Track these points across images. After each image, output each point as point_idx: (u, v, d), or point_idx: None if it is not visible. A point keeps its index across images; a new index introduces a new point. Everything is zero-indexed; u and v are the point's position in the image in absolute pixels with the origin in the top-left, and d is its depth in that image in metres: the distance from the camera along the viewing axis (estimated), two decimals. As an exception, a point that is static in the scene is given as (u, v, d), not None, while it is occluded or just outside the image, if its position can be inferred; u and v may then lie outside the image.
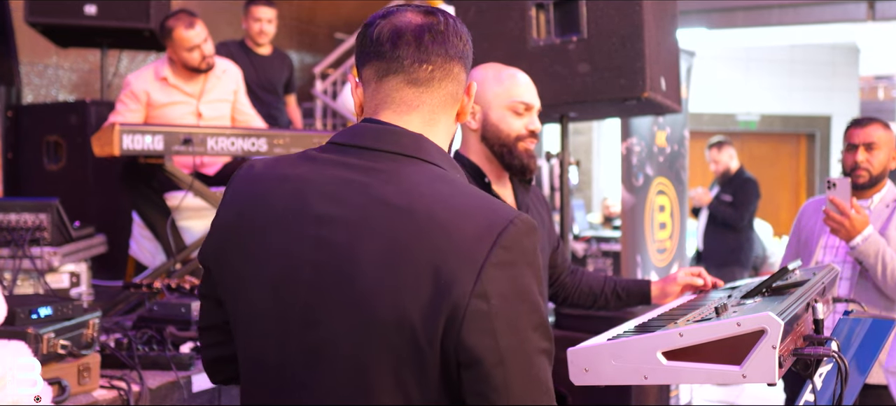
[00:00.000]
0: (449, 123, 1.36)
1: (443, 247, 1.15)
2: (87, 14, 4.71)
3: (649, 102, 3.28)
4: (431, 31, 1.29)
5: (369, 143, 1.26)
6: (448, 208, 1.18)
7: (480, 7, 3.40)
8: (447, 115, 1.34)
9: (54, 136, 4.63)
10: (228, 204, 1.33)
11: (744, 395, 5.91)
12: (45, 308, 2.34)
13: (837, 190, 2.96)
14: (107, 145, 3.51)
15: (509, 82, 2.37)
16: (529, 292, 1.17)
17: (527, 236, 1.18)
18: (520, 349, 1.15)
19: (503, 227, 1.16)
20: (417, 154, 1.26)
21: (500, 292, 1.14)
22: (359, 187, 1.22)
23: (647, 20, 3.19)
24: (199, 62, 4.12)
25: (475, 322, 1.13)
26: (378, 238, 1.17)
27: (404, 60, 1.28)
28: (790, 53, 11.27)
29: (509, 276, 1.15)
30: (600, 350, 1.60)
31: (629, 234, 4.63)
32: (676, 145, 5.06)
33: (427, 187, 1.21)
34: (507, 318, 1.14)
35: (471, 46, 1.36)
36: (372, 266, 1.16)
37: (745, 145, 11.26)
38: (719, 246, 6.60)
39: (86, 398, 2.40)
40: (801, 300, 1.69)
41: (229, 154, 3.79)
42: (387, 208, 1.18)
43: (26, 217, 3.22)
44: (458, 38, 1.31)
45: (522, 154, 2.36)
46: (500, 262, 1.15)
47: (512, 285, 1.15)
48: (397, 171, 1.23)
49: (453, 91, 1.33)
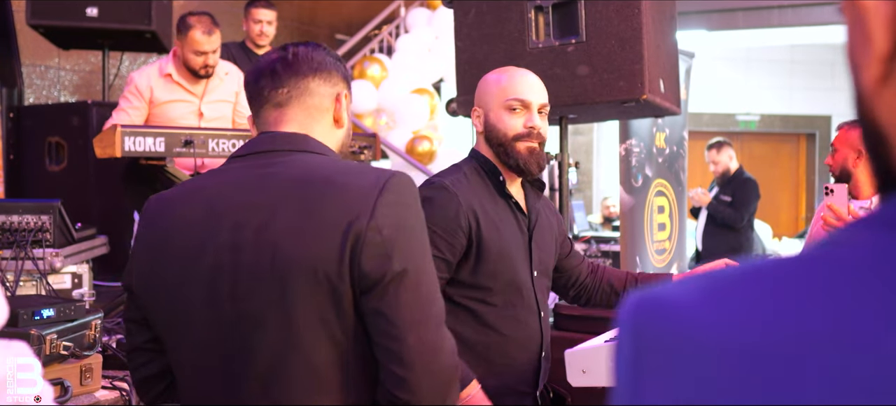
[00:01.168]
0: (325, 132, 1.60)
1: (342, 198, 1.41)
2: (89, 16, 4.73)
3: (648, 105, 3.29)
4: (282, 62, 1.57)
5: (267, 147, 1.53)
6: (341, 173, 1.46)
7: (479, 9, 3.41)
8: (319, 123, 1.59)
9: (56, 137, 4.64)
10: (146, 230, 1.54)
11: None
12: (47, 309, 2.35)
13: (835, 196, 3.01)
14: (108, 147, 3.52)
15: (506, 81, 2.37)
16: (414, 226, 1.45)
17: (408, 186, 1.47)
18: (410, 269, 1.40)
19: (388, 178, 1.44)
20: (306, 147, 1.53)
21: (390, 225, 1.40)
22: (269, 177, 1.47)
23: (646, 22, 3.20)
24: (200, 68, 4.15)
25: (371, 249, 1.38)
26: (291, 209, 1.41)
27: (264, 90, 1.57)
28: (790, 54, 11.28)
29: (396, 213, 1.41)
30: (598, 352, 1.62)
31: (628, 235, 4.65)
32: (676, 146, 5.07)
33: (322, 164, 1.50)
34: (397, 245, 1.39)
35: (332, 62, 1.62)
36: (288, 232, 1.40)
37: (744, 146, 11.28)
38: (719, 246, 6.61)
39: (88, 399, 2.42)
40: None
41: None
42: (294, 183, 1.44)
43: (28, 218, 3.24)
44: (308, 61, 1.58)
45: (520, 153, 2.34)
46: (387, 202, 1.41)
47: (399, 220, 1.41)
48: (295, 159, 1.50)
49: (316, 103, 1.58)
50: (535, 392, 2.42)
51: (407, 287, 1.38)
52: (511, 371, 2.36)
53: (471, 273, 2.31)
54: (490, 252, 2.30)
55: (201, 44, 4.10)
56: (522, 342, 2.38)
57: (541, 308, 2.43)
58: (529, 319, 2.39)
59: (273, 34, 5.60)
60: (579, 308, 3.53)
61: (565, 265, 2.63)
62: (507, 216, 2.38)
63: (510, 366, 2.35)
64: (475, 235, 2.29)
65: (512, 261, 2.35)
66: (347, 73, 1.67)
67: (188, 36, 4.11)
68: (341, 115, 1.62)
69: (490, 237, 2.30)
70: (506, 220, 2.37)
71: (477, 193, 2.34)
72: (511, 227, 2.38)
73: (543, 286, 2.47)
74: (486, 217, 2.32)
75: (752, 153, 11.37)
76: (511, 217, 2.39)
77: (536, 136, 2.35)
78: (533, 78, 2.40)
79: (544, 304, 2.46)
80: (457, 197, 2.27)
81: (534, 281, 2.42)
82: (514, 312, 2.35)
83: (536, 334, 2.41)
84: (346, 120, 1.64)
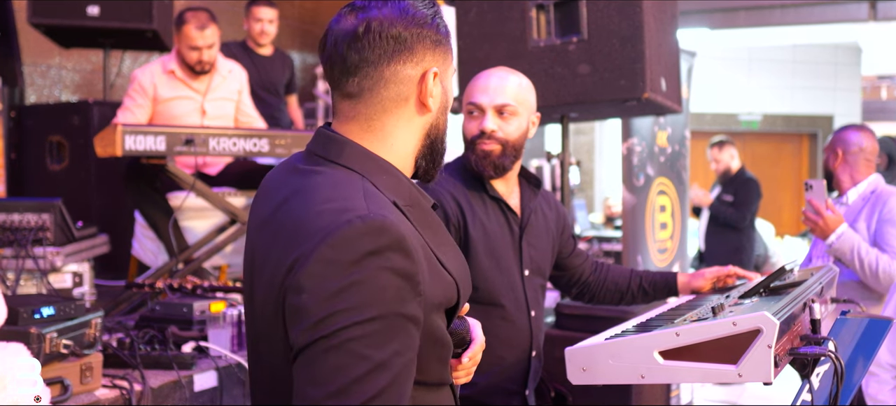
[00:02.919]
0: (403, 125, 1.38)
1: (294, 238, 1.23)
2: (90, 15, 4.72)
3: (649, 103, 3.29)
4: (353, 42, 1.33)
5: (316, 149, 1.38)
6: (324, 201, 1.25)
7: (481, 8, 3.41)
8: (393, 116, 1.37)
9: (57, 136, 4.64)
10: None
11: (745, 395, 5.91)
12: (47, 308, 2.35)
13: (814, 191, 3.15)
14: (109, 146, 3.52)
15: (472, 85, 2.40)
16: (341, 292, 1.16)
17: (357, 240, 1.18)
18: (320, 343, 1.15)
19: (341, 226, 1.19)
20: (340, 160, 1.33)
21: (310, 288, 1.17)
22: (277, 190, 1.36)
23: (647, 21, 3.20)
24: (195, 63, 4.16)
25: (289, 309, 1.20)
26: (267, 234, 1.32)
27: (335, 75, 1.36)
28: (792, 53, 11.26)
29: (325, 273, 1.17)
30: (598, 350, 1.62)
31: (630, 234, 4.64)
32: (677, 145, 5.06)
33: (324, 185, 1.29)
34: (310, 312, 1.17)
35: (416, 35, 1.35)
36: (261, 258, 1.32)
37: (747, 145, 11.26)
38: (722, 246, 6.66)
39: (88, 397, 2.42)
40: (797, 300, 1.70)
41: (231, 154, 3.81)
42: (282, 204, 1.32)
43: (29, 217, 3.24)
44: (384, 42, 1.33)
45: (475, 155, 2.35)
46: (320, 258, 1.18)
47: (325, 282, 1.17)
48: (323, 173, 1.32)
49: (393, 94, 1.35)
50: (524, 391, 2.41)
51: (309, 361, 1.16)
52: (498, 370, 2.36)
53: None
54: (476, 249, 2.31)
55: (195, 39, 4.10)
56: (509, 341, 2.37)
57: (531, 307, 2.42)
58: (517, 318, 2.39)
59: (274, 33, 5.60)
60: (581, 307, 3.53)
61: (568, 263, 2.63)
62: (495, 215, 2.39)
63: (496, 364, 2.35)
64: (463, 231, 2.31)
65: (498, 259, 2.36)
66: (440, 34, 1.39)
67: (183, 31, 4.12)
68: (427, 98, 1.37)
69: (476, 235, 2.31)
70: (493, 218, 2.38)
71: (463, 191, 2.36)
72: (499, 226, 2.38)
73: (535, 285, 2.47)
74: (472, 214, 2.33)
75: (754, 153, 11.35)
76: (499, 216, 2.40)
77: (489, 139, 2.33)
78: (495, 79, 2.38)
79: (535, 304, 2.45)
80: (439, 194, 2.30)
81: (524, 280, 2.41)
82: (500, 311, 2.35)
83: (525, 334, 2.40)
84: (440, 97, 1.40)
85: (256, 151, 3.83)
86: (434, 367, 1.33)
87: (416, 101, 1.38)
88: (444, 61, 1.40)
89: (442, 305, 1.32)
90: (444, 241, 1.38)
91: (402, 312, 1.19)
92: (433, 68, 1.37)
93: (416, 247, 1.23)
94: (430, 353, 1.30)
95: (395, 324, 1.18)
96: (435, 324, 1.30)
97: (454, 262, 1.37)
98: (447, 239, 1.41)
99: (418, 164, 1.43)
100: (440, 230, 1.40)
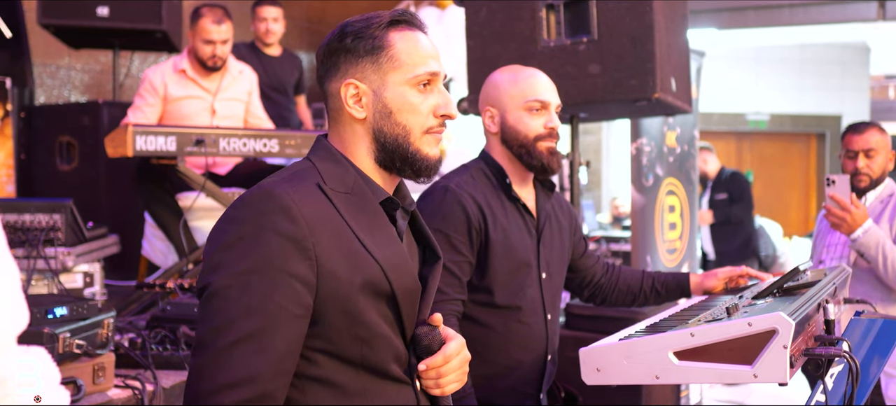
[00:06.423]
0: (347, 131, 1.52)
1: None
2: (100, 15, 4.74)
3: (660, 103, 3.28)
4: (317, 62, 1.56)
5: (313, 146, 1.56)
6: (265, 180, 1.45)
7: (491, 8, 3.41)
8: (339, 124, 1.52)
9: (67, 136, 4.66)
10: None
11: (753, 395, 5.90)
12: (60, 308, 2.36)
13: (837, 186, 3.08)
14: (120, 146, 3.53)
15: (524, 83, 2.37)
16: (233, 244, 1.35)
17: (253, 202, 1.38)
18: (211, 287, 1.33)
19: (251, 191, 1.40)
20: (310, 154, 1.53)
21: (212, 239, 1.39)
22: None
23: (657, 21, 3.19)
24: (208, 58, 4.18)
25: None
26: None
27: None
28: (800, 53, 11.23)
29: (221, 228, 1.38)
30: (612, 350, 1.61)
31: (639, 235, 4.63)
32: (686, 146, 5.05)
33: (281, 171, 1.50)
34: (208, 260, 1.37)
35: (332, 51, 1.51)
36: None
37: (755, 145, 11.24)
38: (730, 247, 6.76)
39: (101, 397, 2.42)
40: (812, 301, 1.70)
41: (241, 155, 3.81)
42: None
43: (40, 217, 3.25)
44: (321, 61, 1.54)
45: (542, 153, 2.35)
46: (224, 216, 1.40)
47: (220, 234, 1.37)
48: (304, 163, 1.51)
49: (333, 105, 1.53)
50: (538, 394, 2.40)
51: (203, 304, 1.34)
52: (513, 372, 2.35)
53: (477, 274, 2.31)
54: (496, 253, 2.30)
55: (210, 32, 4.13)
56: (525, 343, 2.36)
57: (547, 310, 2.41)
58: (534, 321, 2.37)
59: (281, 32, 5.60)
60: (592, 308, 3.53)
61: (580, 265, 2.62)
62: (515, 218, 2.38)
63: (511, 367, 2.34)
64: (484, 235, 2.29)
65: (518, 262, 2.34)
66: (373, 45, 1.49)
67: (198, 24, 4.15)
68: (349, 109, 1.49)
69: (496, 238, 2.30)
70: (513, 222, 2.36)
71: (484, 194, 2.34)
72: (519, 229, 2.37)
73: (552, 288, 2.45)
74: (494, 218, 2.32)
75: (762, 153, 11.33)
76: (519, 219, 2.38)
77: (556, 137, 2.38)
78: (548, 78, 2.41)
79: (552, 307, 2.44)
80: (462, 197, 2.27)
81: (541, 283, 2.40)
82: (517, 314, 2.34)
83: (541, 336, 2.39)
84: (373, 105, 1.48)
85: (266, 152, 3.84)
86: (349, 344, 1.41)
87: (346, 112, 1.51)
88: (377, 71, 1.49)
89: (366, 286, 1.41)
90: (378, 229, 1.47)
91: (285, 269, 1.33)
92: (350, 80, 1.49)
93: (306, 215, 1.36)
94: (341, 327, 1.40)
95: (275, 277, 1.33)
96: (351, 299, 1.39)
97: (386, 251, 1.45)
98: (385, 230, 1.49)
99: (385, 166, 1.52)
100: (377, 220, 1.48)
